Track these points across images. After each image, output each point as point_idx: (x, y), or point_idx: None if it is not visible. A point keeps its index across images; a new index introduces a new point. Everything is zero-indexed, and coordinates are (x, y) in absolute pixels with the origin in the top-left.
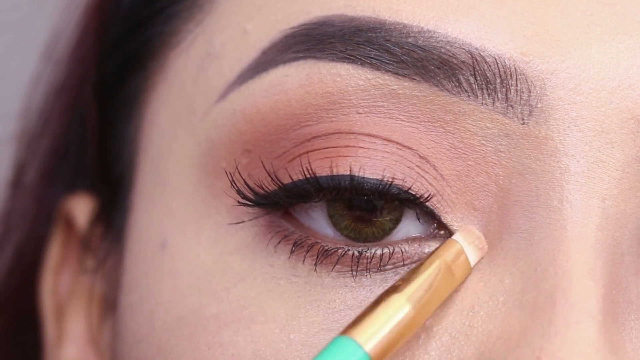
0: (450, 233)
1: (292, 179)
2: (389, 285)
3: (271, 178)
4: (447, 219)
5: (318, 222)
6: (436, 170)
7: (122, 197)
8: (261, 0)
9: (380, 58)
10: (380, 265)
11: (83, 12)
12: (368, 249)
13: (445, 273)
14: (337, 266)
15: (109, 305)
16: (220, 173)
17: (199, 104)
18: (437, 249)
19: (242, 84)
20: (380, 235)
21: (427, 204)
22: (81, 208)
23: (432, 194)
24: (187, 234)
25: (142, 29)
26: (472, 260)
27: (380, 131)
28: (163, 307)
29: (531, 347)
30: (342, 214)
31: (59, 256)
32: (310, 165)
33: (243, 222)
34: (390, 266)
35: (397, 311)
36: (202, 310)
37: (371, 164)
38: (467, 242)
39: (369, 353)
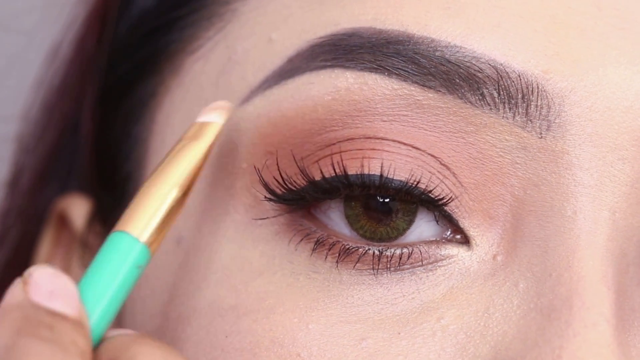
0: (466, 238)
1: (323, 175)
2: (405, 284)
3: (302, 174)
4: (465, 224)
5: (335, 222)
6: (456, 177)
7: (129, 196)
8: (288, 10)
9: (407, 69)
10: (400, 264)
11: (85, 19)
12: (387, 248)
13: (190, 144)
14: (358, 264)
15: None
16: (239, 173)
17: None
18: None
19: (267, 89)
20: (394, 235)
21: (446, 207)
22: (77, 208)
23: (452, 197)
24: (203, 231)
25: (156, 37)
26: (215, 118)
27: (404, 138)
28: (178, 300)
29: (551, 346)
30: (358, 214)
31: (49, 253)
32: (342, 163)
33: (267, 218)
34: (408, 266)
35: (167, 196)
36: (219, 302)
37: (396, 166)
38: (203, 114)
39: (146, 243)
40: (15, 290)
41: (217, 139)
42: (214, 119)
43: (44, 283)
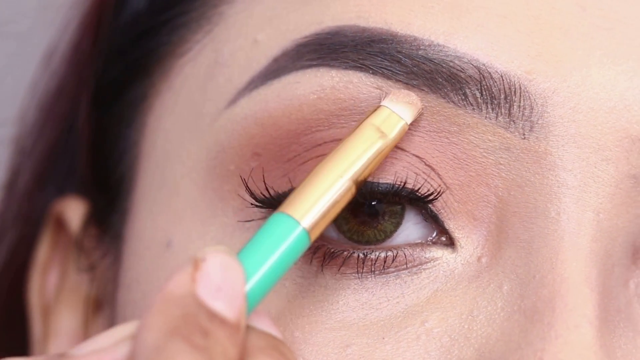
0: (451, 239)
1: None
2: (390, 288)
3: (287, 179)
4: (450, 225)
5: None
6: (440, 178)
7: (122, 199)
8: (272, 11)
9: (391, 68)
10: (384, 267)
11: (80, 22)
12: (372, 251)
13: (376, 137)
14: (342, 268)
15: (98, 303)
16: (228, 176)
17: (208, 110)
18: (367, 116)
19: (253, 90)
20: (381, 237)
21: (432, 207)
22: (73, 210)
23: (439, 192)
24: (192, 235)
25: (146, 39)
26: (406, 116)
27: None
28: None
29: (533, 348)
30: (345, 217)
31: (47, 256)
32: None
33: (253, 220)
34: (393, 269)
35: (335, 185)
36: None
37: (382, 168)
38: (394, 103)
39: (307, 228)
40: (182, 278)
41: (401, 137)
42: (403, 115)
43: (215, 274)
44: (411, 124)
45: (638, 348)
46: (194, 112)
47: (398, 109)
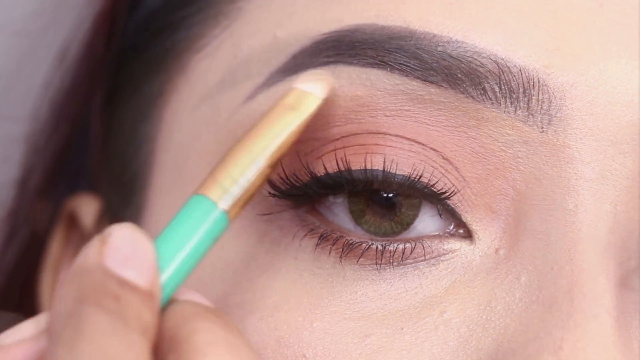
0: (469, 232)
1: (326, 170)
2: (408, 279)
3: (306, 169)
4: (467, 218)
5: (340, 217)
6: (458, 172)
7: (136, 194)
8: (292, 8)
9: (409, 65)
10: (402, 258)
11: (93, 20)
12: (390, 243)
13: (287, 113)
14: (361, 259)
15: None
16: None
17: (225, 105)
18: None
19: (272, 86)
20: (398, 230)
21: (449, 201)
22: (86, 207)
23: (454, 191)
24: None
25: (163, 36)
26: (318, 92)
27: (407, 133)
28: None
29: (552, 337)
30: (362, 209)
31: (59, 253)
32: (345, 158)
33: (271, 213)
34: (411, 260)
35: (252, 166)
36: (226, 299)
37: (399, 161)
38: (305, 82)
39: (226, 209)
40: (90, 251)
41: (314, 112)
42: (315, 91)
43: (122, 246)
44: (428, 118)
45: None
46: (212, 106)
47: (309, 87)
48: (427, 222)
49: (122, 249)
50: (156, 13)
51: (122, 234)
